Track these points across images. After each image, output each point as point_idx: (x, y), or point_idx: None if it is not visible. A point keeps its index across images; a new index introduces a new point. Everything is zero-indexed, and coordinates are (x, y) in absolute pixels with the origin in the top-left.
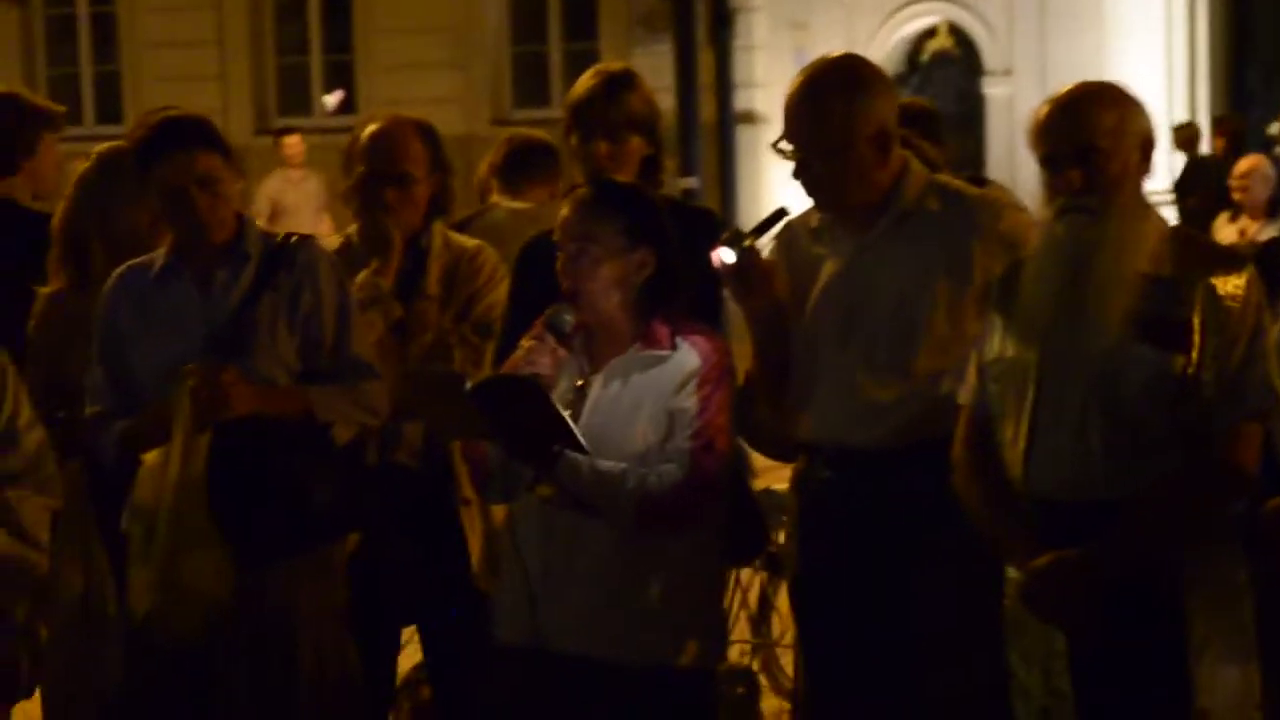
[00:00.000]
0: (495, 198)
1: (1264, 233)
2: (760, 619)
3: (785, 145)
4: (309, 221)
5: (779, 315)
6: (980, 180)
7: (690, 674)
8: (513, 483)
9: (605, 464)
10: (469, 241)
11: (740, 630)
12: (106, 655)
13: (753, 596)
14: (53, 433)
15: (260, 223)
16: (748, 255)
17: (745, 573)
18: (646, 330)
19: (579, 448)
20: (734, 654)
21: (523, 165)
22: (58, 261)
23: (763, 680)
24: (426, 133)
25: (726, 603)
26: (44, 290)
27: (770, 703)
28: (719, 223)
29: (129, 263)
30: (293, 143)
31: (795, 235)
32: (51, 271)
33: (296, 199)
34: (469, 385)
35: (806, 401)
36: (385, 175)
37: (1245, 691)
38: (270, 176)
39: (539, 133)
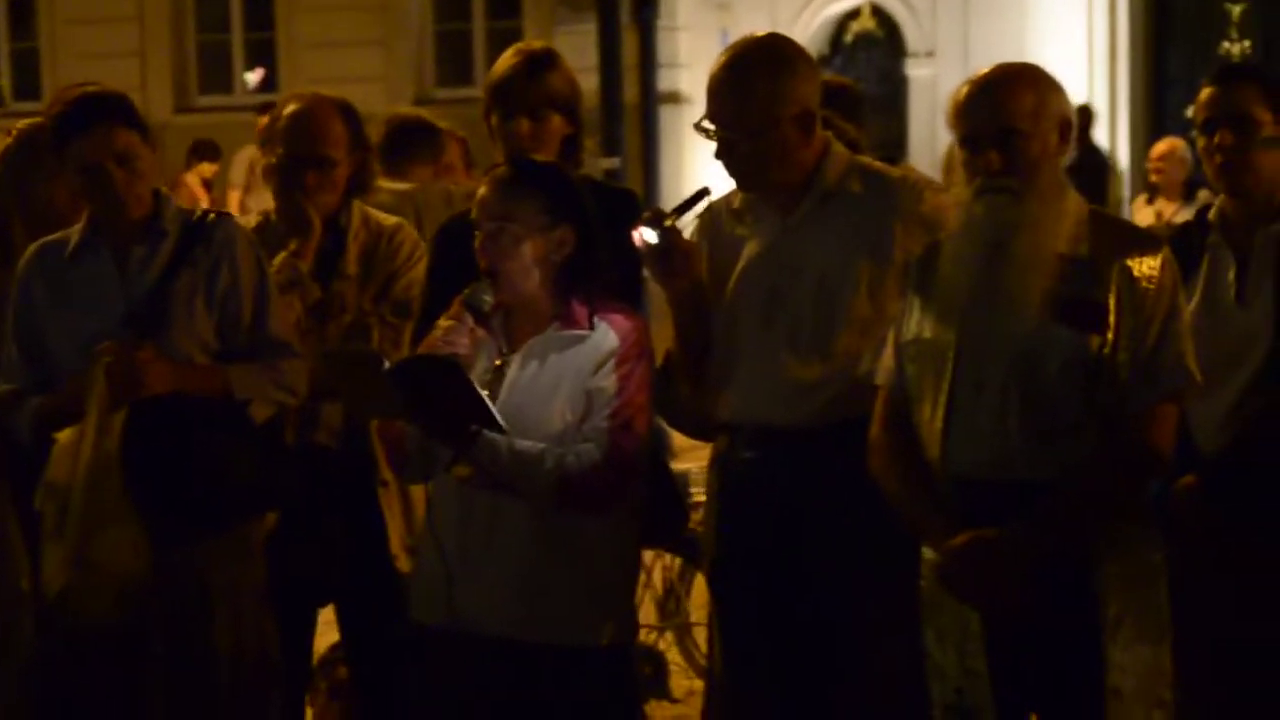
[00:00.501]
0: (378, 181)
1: (1180, 215)
2: (668, 598)
3: (708, 125)
4: None
5: (700, 295)
6: (893, 161)
7: (608, 652)
8: (430, 463)
9: (523, 444)
10: (388, 220)
11: (646, 611)
12: (18, 632)
13: (657, 577)
14: None
15: (236, 194)
16: (669, 235)
17: (647, 555)
18: (565, 310)
19: (497, 427)
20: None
21: (403, 145)
22: None
23: (675, 659)
24: (346, 112)
25: None
26: None
27: (682, 682)
28: (640, 203)
29: (44, 239)
30: None
31: (717, 216)
32: None
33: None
34: (387, 365)
35: (727, 381)
36: (305, 158)
37: (1158, 671)
38: (248, 145)
39: (418, 111)
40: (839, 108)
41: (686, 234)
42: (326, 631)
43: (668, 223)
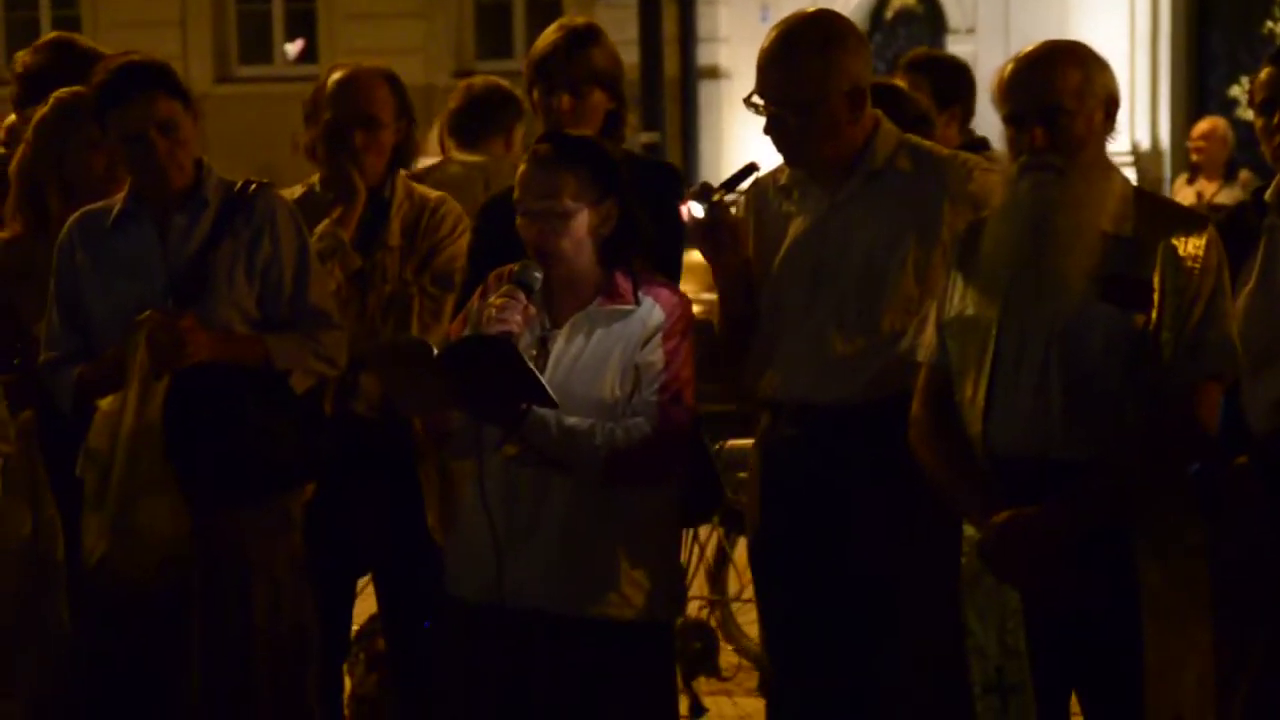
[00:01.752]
0: (451, 152)
1: (1221, 195)
2: (717, 574)
3: (757, 100)
4: None
5: (746, 271)
6: (981, 143)
7: (650, 628)
8: (472, 440)
9: (572, 420)
10: (431, 193)
11: (699, 586)
12: (53, 601)
13: (710, 552)
14: (7, 379)
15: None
16: (716, 210)
17: (703, 529)
18: (609, 284)
19: (550, 402)
20: (692, 609)
21: (479, 115)
22: (14, 206)
23: (719, 635)
24: (392, 81)
25: (684, 558)
26: (1, 235)
27: (727, 658)
28: (681, 178)
29: (86, 208)
30: None
31: (764, 192)
32: (8, 217)
33: None
34: (437, 351)
35: (771, 359)
36: (353, 120)
37: (1198, 650)
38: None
39: (500, 80)
40: (937, 79)
41: (734, 209)
42: (365, 602)
43: (715, 197)
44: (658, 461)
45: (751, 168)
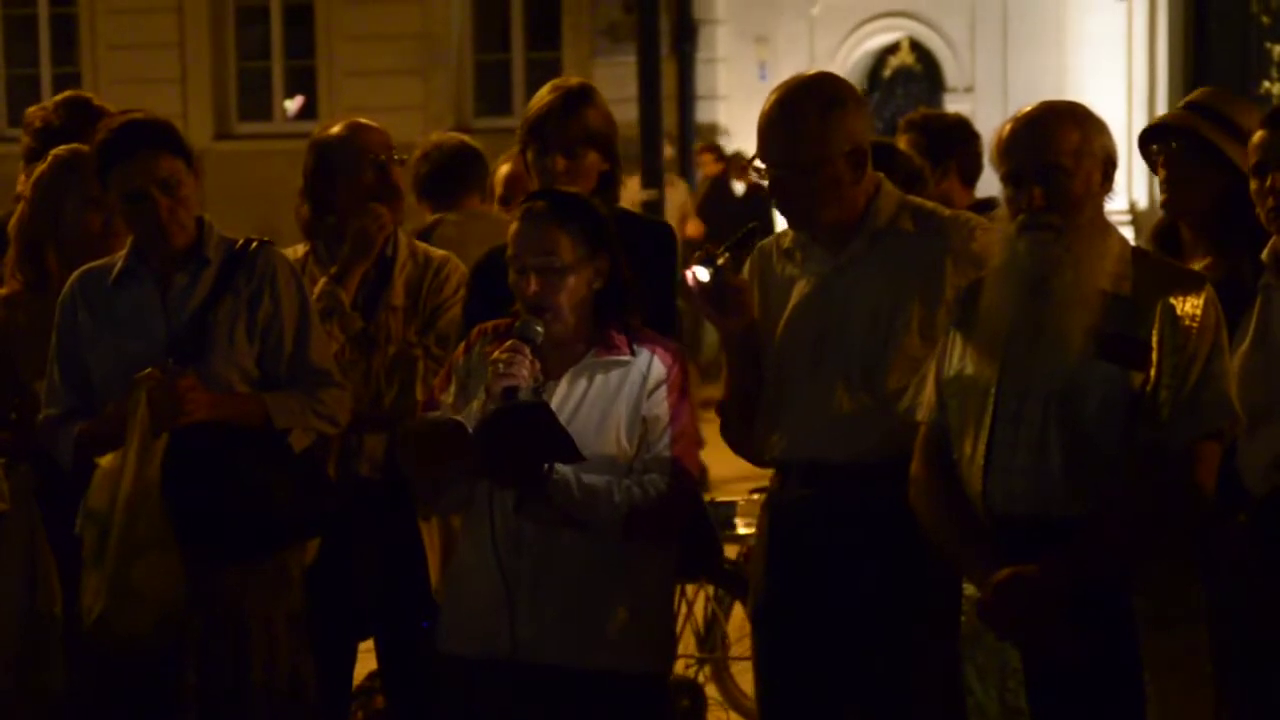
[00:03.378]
0: (433, 215)
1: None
2: (708, 632)
3: (759, 164)
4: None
5: (752, 334)
6: (989, 203)
7: (648, 680)
8: (466, 494)
9: (590, 478)
10: (436, 252)
11: (686, 644)
12: (51, 658)
13: (699, 609)
14: (3, 435)
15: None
16: (721, 273)
17: (690, 587)
18: (603, 337)
19: (576, 456)
20: (679, 667)
21: (455, 175)
22: (14, 264)
23: (712, 693)
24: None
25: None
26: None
27: (718, 715)
28: (676, 237)
29: (88, 265)
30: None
31: (767, 256)
32: (8, 273)
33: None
34: (472, 429)
35: (779, 421)
36: (361, 158)
37: (1199, 711)
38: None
39: (458, 136)
40: (931, 136)
41: (738, 272)
42: (364, 660)
43: (719, 261)
44: (674, 517)
45: (754, 230)
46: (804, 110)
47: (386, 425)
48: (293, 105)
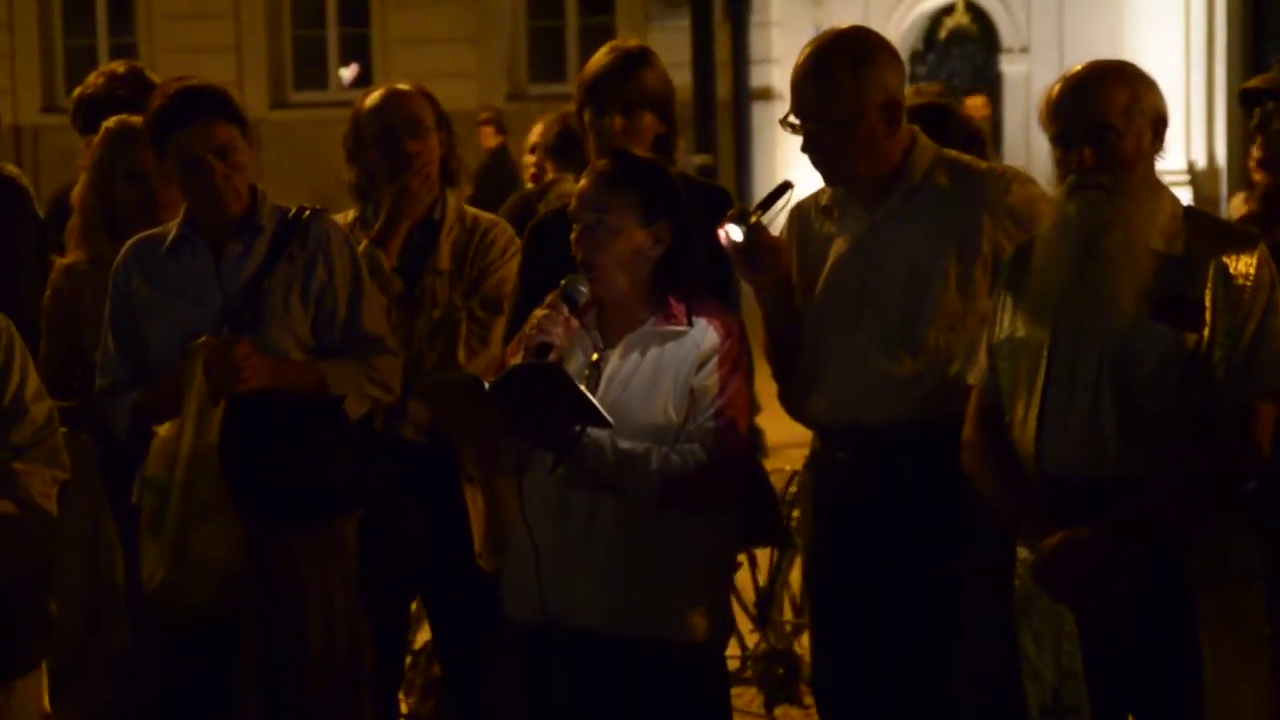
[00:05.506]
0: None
1: None
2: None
3: (793, 119)
4: None
5: (788, 292)
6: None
7: (703, 649)
8: (520, 459)
9: (627, 444)
10: (484, 215)
11: (786, 610)
12: (116, 626)
13: (795, 576)
14: (66, 405)
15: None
16: (754, 231)
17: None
18: (662, 306)
19: (604, 423)
20: (773, 638)
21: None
22: (78, 233)
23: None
24: (426, 94)
25: (763, 582)
26: (62, 261)
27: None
28: (732, 201)
29: (142, 234)
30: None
31: (805, 214)
32: (71, 243)
33: None
34: (488, 385)
35: (817, 381)
36: (401, 124)
37: (1256, 672)
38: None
39: None
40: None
41: (775, 230)
42: (422, 627)
43: (753, 219)
44: (711, 487)
45: (786, 186)
46: (836, 64)
47: None
48: (347, 73)
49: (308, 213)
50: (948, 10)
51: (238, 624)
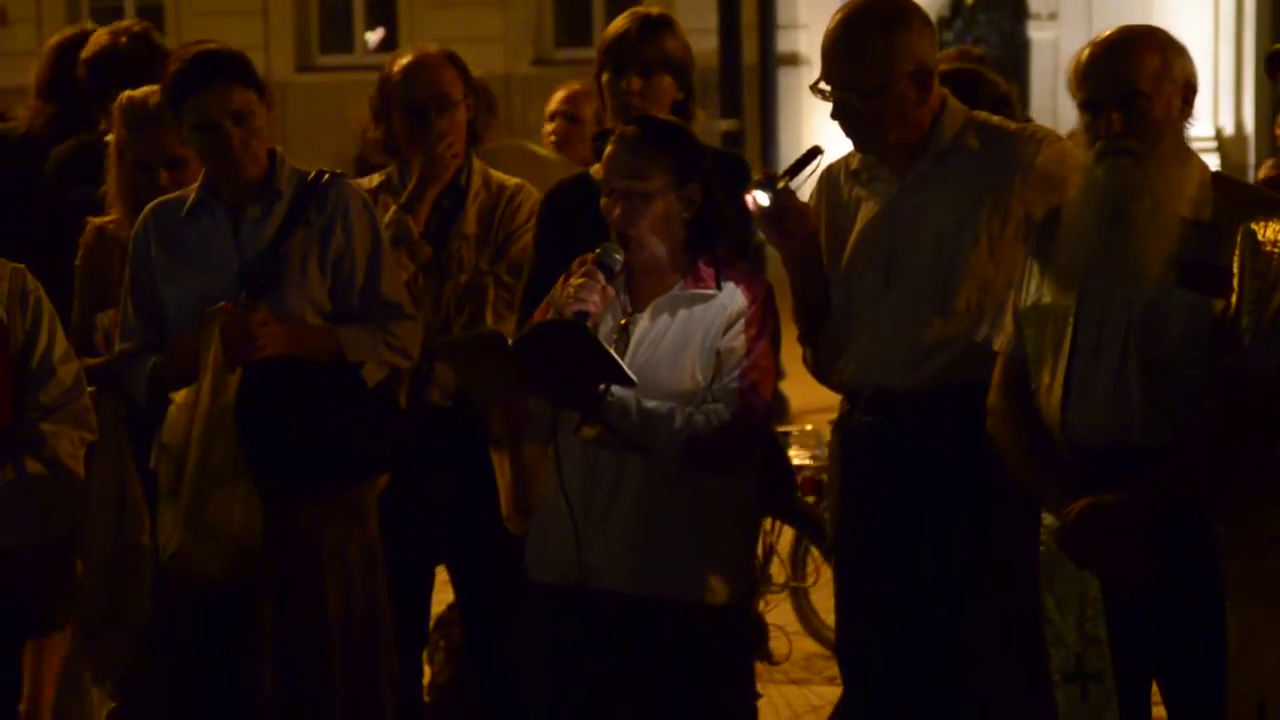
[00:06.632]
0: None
1: None
2: (795, 562)
3: (824, 86)
4: None
5: (815, 256)
6: None
7: (726, 611)
8: (553, 423)
9: (652, 403)
10: (509, 180)
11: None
12: (140, 587)
13: (782, 539)
14: (94, 363)
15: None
16: (781, 196)
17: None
18: (691, 269)
19: (628, 381)
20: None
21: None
22: (115, 194)
23: (795, 624)
24: (455, 60)
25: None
26: (96, 221)
27: (805, 645)
28: (749, 169)
29: (161, 198)
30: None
31: (835, 178)
32: (110, 203)
33: None
34: (511, 341)
35: (845, 345)
36: (429, 102)
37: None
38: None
39: None
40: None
41: (803, 195)
42: (444, 590)
43: (780, 184)
44: (735, 448)
45: (815, 151)
46: (867, 31)
47: None
48: (374, 37)
49: (326, 177)
50: None
51: (254, 591)
